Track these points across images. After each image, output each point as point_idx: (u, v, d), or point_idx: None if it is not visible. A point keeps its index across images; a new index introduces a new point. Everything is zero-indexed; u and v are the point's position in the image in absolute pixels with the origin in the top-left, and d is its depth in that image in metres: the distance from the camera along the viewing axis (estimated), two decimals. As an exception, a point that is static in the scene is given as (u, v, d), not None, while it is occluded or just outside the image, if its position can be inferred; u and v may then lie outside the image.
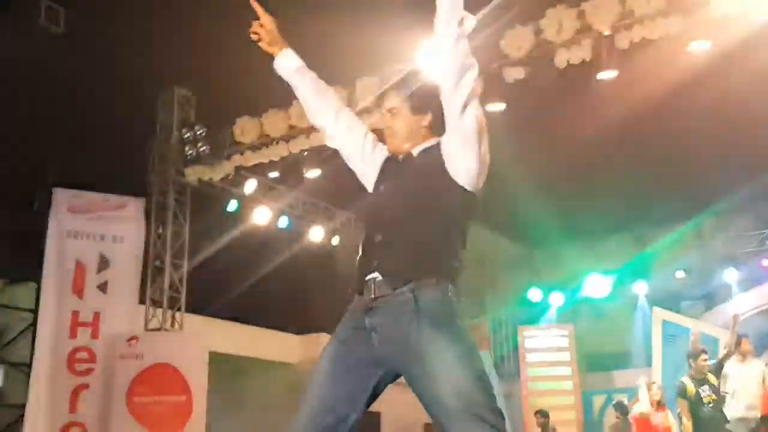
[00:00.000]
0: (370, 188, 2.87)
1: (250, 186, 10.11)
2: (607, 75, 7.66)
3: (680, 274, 13.61)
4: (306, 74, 2.97)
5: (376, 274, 2.58)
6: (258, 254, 10.72)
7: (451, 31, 2.56)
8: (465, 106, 2.59)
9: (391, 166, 2.83)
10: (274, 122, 9.10)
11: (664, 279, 13.79)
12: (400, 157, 2.79)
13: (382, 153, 2.89)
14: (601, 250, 14.26)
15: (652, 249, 13.70)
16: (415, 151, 2.77)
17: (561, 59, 7.75)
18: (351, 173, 2.98)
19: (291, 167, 9.49)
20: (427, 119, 2.77)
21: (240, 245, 10.42)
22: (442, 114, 2.71)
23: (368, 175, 2.88)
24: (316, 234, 11.59)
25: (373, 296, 2.57)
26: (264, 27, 2.96)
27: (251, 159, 9.41)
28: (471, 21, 2.57)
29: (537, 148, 10.55)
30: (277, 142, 9.20)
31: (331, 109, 2.94)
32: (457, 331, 2.50)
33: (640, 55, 7.67)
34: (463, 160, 2.61)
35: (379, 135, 2.90)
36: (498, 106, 8.20)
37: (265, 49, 2.99)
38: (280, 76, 3.02)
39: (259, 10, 2.96)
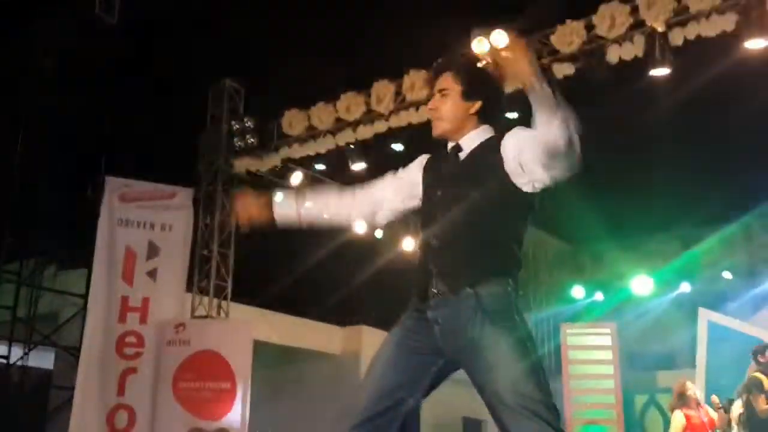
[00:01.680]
0: (422, 196, 2.84)
1: (297, 178, 10.19)
2: (659, 72, 7.56)
3: (727, 274, 13.39)
4: (309, 208, 2.95)
5: (435, 281, 2.61)
6: (302, 245, 10.79)
7: (563, 134, 2.47)
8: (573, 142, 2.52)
9: (440, 166, 2.79)
10: (321, 115, 9.17)
11: (710, 279, 13.58)
12: (449, 146, 2.76)
13: (417, 165, 2.87)
14: (645, 249, 14.08)
15: (698, 249, 13.49)
16: (464, 143, 2.74)
17: (613, 56, 7.68)
18: (396, 167, 2.99)
19: (337, 160, 9.55)
20: (476, 106, 2.74)
21: (285, 236, 10.48)
22: (492, 102, 2.75)
23: (417, 195, 2.85)
24: (359, 226, 11.60)
25: (434, 302, 2.61)
26: (247, 207, 2.96)
27: (298, 151, 9.50)
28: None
29: (583, 145, 10.45)
30: (324, 135, 9.28)
31: (349, 204, 2.94)
32: (514, 326, 2.54)
33: (693, 52, 7.56)
34: (535, 173, 2.58)
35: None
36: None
37: (262, 222, 2.97)
38: (327, 70, 3.02)
39: (239, 203, 2.95)
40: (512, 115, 8.32)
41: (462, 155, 2.74)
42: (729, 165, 11.21)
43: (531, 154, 2.57)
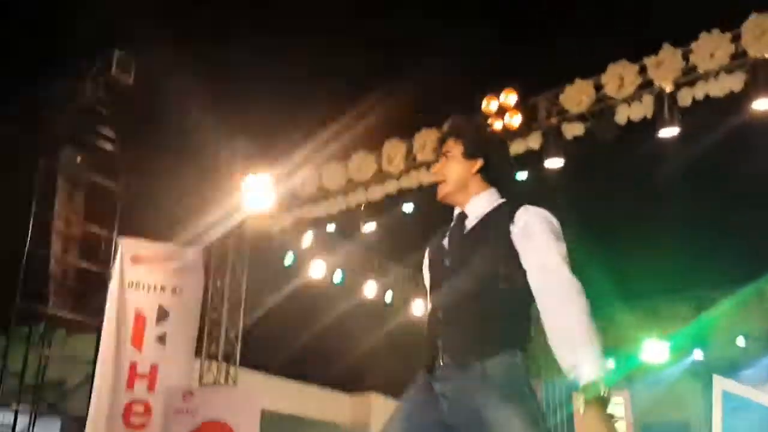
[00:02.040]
0: (429, 267, 2.84)
1: (308, 239, 10.20)
2: (668, 132, 7.61)
3: (741, 340, 13.21)
4: None
5: (442, 355, 2.58)
6: (313, 309, 10.75)
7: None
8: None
9: (446, 236, 2.77)
10: (332, 175, 9.22)
11: (724, 345, 13.40)
12: (455, 214, 2.76)
13: (425, 263, 2.86)
14: (657, 313, 13.93)
15: (711, 313, 13.35)
16: (470, 209, 2.74)
17: (622, 115, 7.77)
18: (407, 228, 2.99)
19: (348, 221, 9.57)
20: (478, 164, 2.74)
21: (295, 300, 10.46)
22: (495, 159, 2.76)
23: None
24: (369, 289, 11.58)
25: (441, 374, 2.57)
26: None
27: (310, 212, 9.53)
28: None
29: (593, 205, 10.49)
30: (335, 196, 9.32)
31: None
32: (523, 400, 2.49)
33: (702, 111, 7.64)
34: (540, 269, 2.56)
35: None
36: (556, 162, 8.21)
37: None
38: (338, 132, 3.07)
39: None
40: (522, 176, 8.51)
41: (468, 223, 2.73)
42: (741, 226, 11.19)
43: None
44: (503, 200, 2.74)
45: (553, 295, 2.50)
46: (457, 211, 2.78)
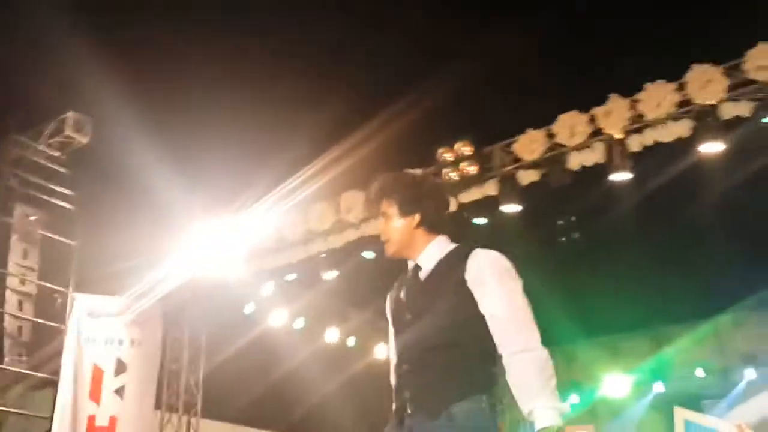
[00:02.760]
0: (391, 321, 2.86)
1: (268, 288, 10.16)
2: (620, 177, 7.78)
3: (700, 372, 13.40)
4: None
5: (409, 406, 2.61)
6: (274, 357, 10.67)
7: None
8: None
9: (403, 289, 2.80)
10: (291, 226, 9.23)
11: (684, 378, 13.56)
12: (410, 267, 2.79)
13: (388, 311, 2.89)
14: (617, 348, 14.08)
15: (671, 347, 13.52)
16: (422, 261, 2.75)
17: (574, 162, 7.93)
18: (366, 275, 3.04)
19: (308, 269, 9.56)
20: (416, 219, 2.75)
21: (256, 347, 10.38)
22: (433, 209, 2.77)
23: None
24: (331, 335, 11.55)
25: (409, 423, 2.60)
26: None
27: (269, 262, 9.51)
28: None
29: (550, 246, 10.62)
30: (295, 245, 9.31)
31: None
32: None
33: (653, 156, 7.81)
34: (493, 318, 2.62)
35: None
36: (513, 208, 8.33)
37: None
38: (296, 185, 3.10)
39: None
40: (480, 221, 8.61)
41: (422, 275, 2.75)
42: (694, 262, 11.41)
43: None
44: (454, 245, 2.77)
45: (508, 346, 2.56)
46: (411, 264, 2.80)
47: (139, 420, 9.24)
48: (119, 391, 9.23)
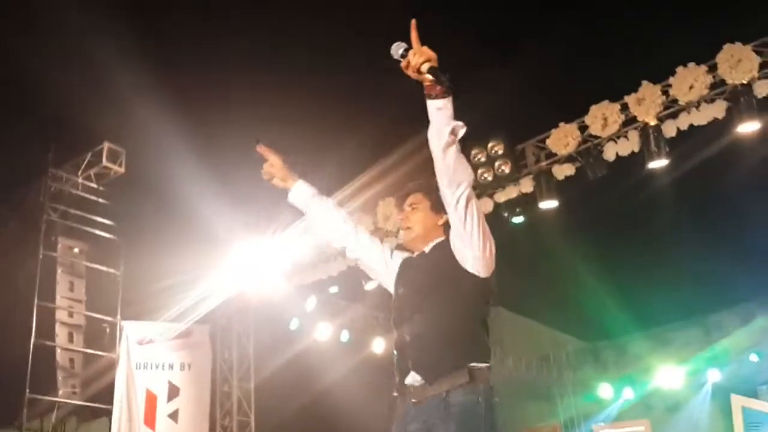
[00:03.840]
0: (392, 291, 3.04)
1: (311, 303, 10.20)
2: (657, 164, 7.69)
3: (754, 358, 13.15)
4: (319, 203, 3.11)
5: (412, 375, 2.78)
6: (321, 371, 10.68)
7: (442, 141, 2.68)
8: (459, 203, 2.76)
9: (407, 266, 3.01)
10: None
11: (738, 364, 13.32)
12: (415, 254, 2.99)
13: (398, 258, 3.08)
14: (670, 338, 13.89)
15: (723, 335, 13.30)
16: (427, 248, 2.96)
17: (610, 152, 7.85)
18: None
19: (350, 281, 9.58)
20: (443, 219, 2.93)
21: (303, 362, 10.42)
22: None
23: (389, 281, 3.05)
24: (378, 346, 11.52)
25: (413, 400, 2.78)
26: (273, 166, 3.12)
27: (310, 276, 9.54)
28: (461, 129, 2.69)
29: (595, 240, 10.53)
30: (335, 258, 9.34)
31: (348, 231, 3.10)
32: None
33: (691, 140, 7.71)
34: (470, 249, 2.78)
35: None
36: (551, 204, 8.27)
37: (278, 185, 3.14)
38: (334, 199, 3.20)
39: (266, 152, 3.13)
40: (518, 219, 8.56)
41: (424, 258, 2.99)
42: (747, 248, 11.19)
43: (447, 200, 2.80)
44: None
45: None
46: (417, 253, 3.02)
47: (195, 442, 9.29)
48: (173, 416, 9.30)
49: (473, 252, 2.77)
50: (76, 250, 9.19)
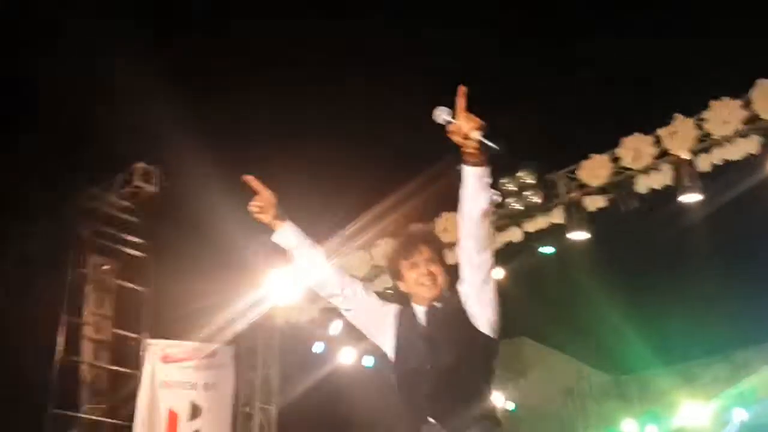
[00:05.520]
0: (391, 342, 2.99)
1: (336, 327, 10.16)
2: (690, 198, 7.62)
3: (781, 397, 12.91)
4: (306, 248, 3.03)
5: (433, 424, 2.75)
6: (345, 395, 10.63)
7: (481, 207, 2.70)
8: (485, 268, 2.80)
9: (415, 318, 2.95)
10: (356, 264, 9.24)
11: (765, 404, 13.08)
12: (424, 307, 2.92)
13: (390, 307, 3.04)
14: (696, 375, 13.67)
15: (750, 373, 13.08)
16: (437, 303, 2.91)
17: (642, 185, 7.80)
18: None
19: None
20: (445, 269, 2.96)
21: (327, 386, 10.38)
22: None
23: (384, 331, 3.01)
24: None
25: None
26: (265, 201, 3.01)
27: (337, 300, 9.50)
28: (498, 198, 2.73)
29: (623, 272, 10.43)
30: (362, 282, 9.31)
31: (335, 279, 3.04)
32: None
33: (724, 175, 7.63)
34: (485, 314, 2.83)
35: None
36: (581, 235, 8.22)
37: (265, 222, 3.03)
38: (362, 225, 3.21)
39: (257, 186, 3.02)
40: (548, 250, 8.53)
41: (436, 310, 2.93)
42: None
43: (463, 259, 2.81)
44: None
45: None
46: (426, 308, 2.93)
47: (215, 464, 9.26)
48: (195, 435, 9.28)
49: (490, 316, 2.83)
50: (106, 267, 9.27)
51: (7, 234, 8.14)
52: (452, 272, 2.92)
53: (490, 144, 2.55)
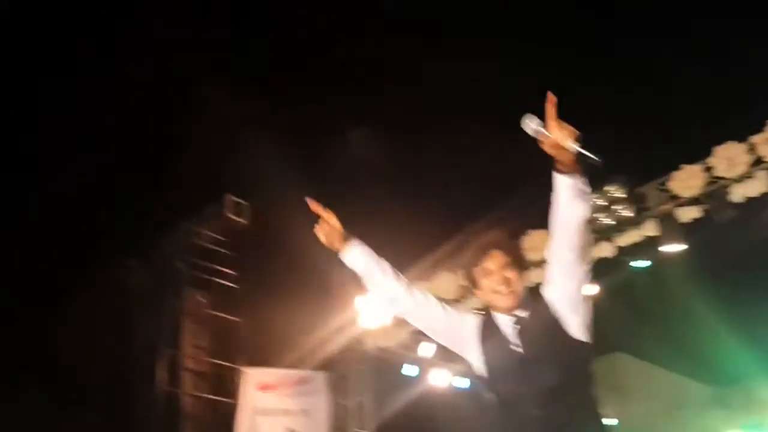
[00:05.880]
0: (478, 356, 2.91)
1: (424, 349, 10.13)
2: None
3: None
4: (375, 266, 3.00)
5: None
6: (439, 417, 10.60)
7: (581, 216, 2.63)
8: (585, 277, 2.75)
9: (499, 331, 2.85)
10: (444, 284, 9.21)
11: None
12: (507, 319, 2.82)
13: (469, 318, 2.98)
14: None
15: None
16: (520, 311, 2.82)
17: (737, 194, 7.58)
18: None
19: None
20: (525, 279, 2.88)
21: (421, 407, 10.37)
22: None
23: (467, 343, 2.94)
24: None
25: None
26: (328, 225, 3.01)
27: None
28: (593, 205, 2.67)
29: (721, 283, 10.12)
30: (450, 304, 9.27)
31: (406, 296, 3.00)
32: None
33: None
34: (578, 317, 2.75)
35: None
36: (675, 247, 8.04)
37: (329, 246, 3.03)
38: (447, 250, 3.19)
39: (320, 210, 3.01)
40: (643, 263, 8.34)
41: (524, 322, 2.83)
42: None
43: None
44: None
45: None
46: (508, 317, 2.84)
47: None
48: (292, 460, 9.39)
49: (582, 318, 2.76)
50: (201, 298, 9.52)
51: (111, 272, 8.47)
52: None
53: (589, 155, 2.46)
